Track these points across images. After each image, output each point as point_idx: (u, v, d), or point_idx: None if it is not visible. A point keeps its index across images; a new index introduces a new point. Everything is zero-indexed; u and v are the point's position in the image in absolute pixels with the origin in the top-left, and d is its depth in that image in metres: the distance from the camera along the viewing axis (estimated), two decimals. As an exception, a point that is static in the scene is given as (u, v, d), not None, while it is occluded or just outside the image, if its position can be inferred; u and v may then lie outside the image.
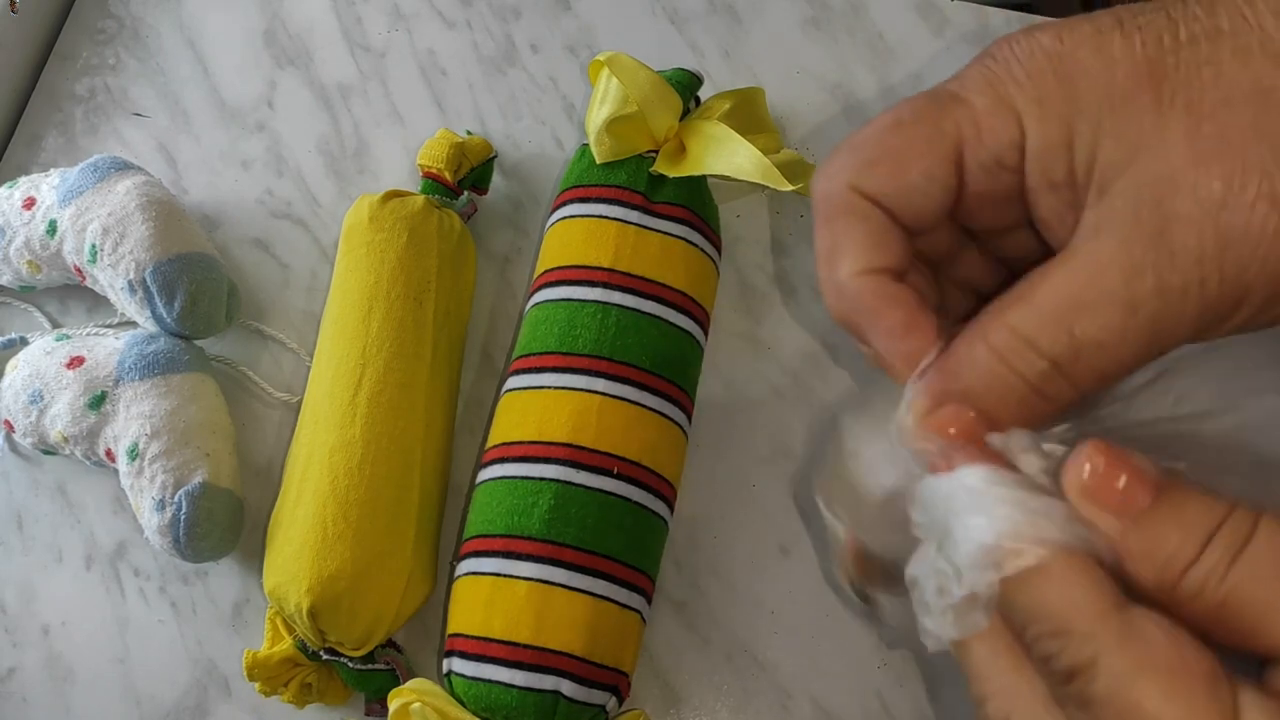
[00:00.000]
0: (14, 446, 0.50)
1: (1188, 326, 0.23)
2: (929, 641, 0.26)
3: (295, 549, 0.41)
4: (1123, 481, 0.23)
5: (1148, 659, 0.22)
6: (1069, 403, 0.25)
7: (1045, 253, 0.26)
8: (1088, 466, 0.23)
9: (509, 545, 0.40)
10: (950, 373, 0.25)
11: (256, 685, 0.42)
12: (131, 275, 0.46)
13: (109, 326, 0.50)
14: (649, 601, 0.42)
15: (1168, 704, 0.22)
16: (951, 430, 0.25)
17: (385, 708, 0.40)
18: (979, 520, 0.24)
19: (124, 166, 0.49)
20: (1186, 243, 0.22)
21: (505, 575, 0.39)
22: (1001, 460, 0.25)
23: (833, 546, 0.34)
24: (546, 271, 0.44)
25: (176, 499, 0.43)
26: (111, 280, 0.47)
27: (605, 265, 0.43)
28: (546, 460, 0.40)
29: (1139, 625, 0.23)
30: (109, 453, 0.45)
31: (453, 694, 0.40)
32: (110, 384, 0.45)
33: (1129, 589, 0.23)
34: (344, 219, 0.47)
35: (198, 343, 0.48)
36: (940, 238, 0.30)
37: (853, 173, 0.27)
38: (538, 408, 0.42)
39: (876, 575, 0.32)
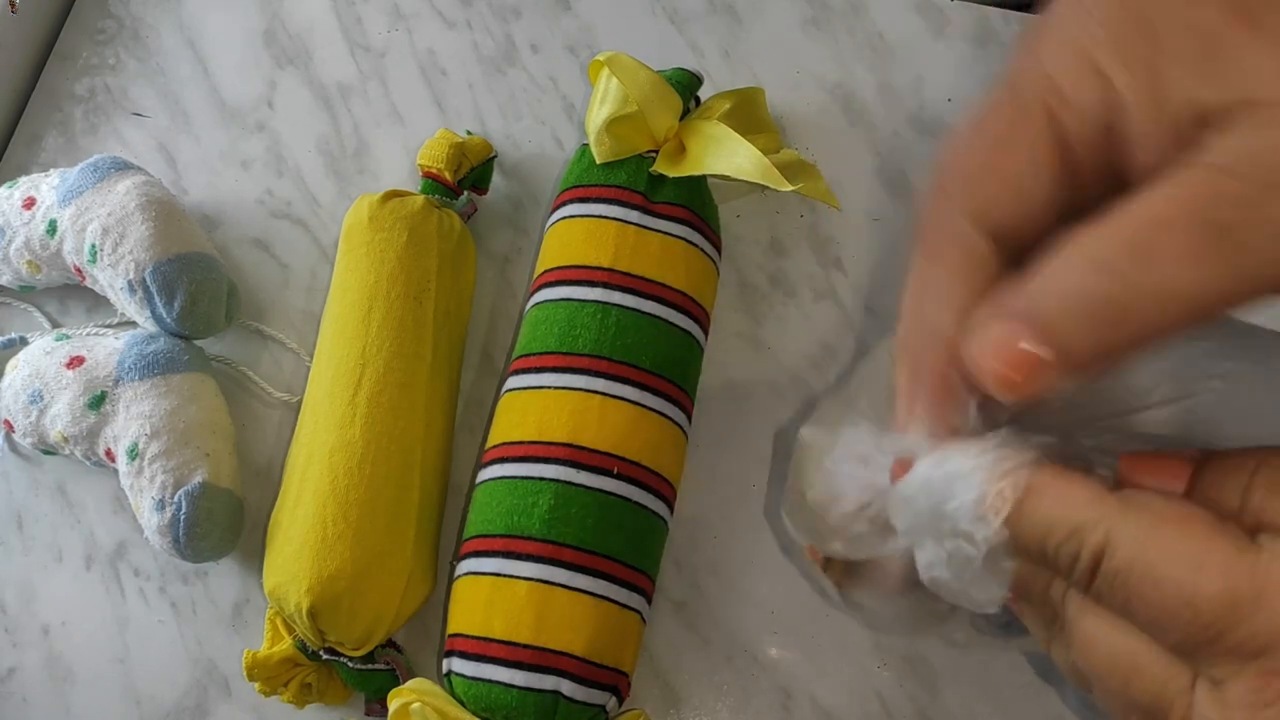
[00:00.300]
0: (14, 446, 0.50)
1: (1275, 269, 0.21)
2: (990, 608, 0.27)
3: (295, 549, 0.41)
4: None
5: (1154, 517, 0.23)
6: (1143, 337, 0.23)
7: None
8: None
9: (509, 545, 0.40)
10: (1023, 295, 0.23)
11: (256, 685, 0.42)
12: (131, 275, 0.46)
13: (109, 326, 0.50)
14: (649, 601, 0.42)
15: (1186, 543, 0.23)
16: (1019, 370, 0.23)
17: (385, 708, 0.40)
18: (959, 485, 0.25)
19: (124, 166, 0.49)
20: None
21: (505, 575, 0.39)
22: (945, 437, 0.26)
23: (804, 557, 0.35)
24: (546, 271, 0.44)
25: (176, 499, 0.43)
26: (111, 280, 0.47)
27: (605, 265, 0.43)
28: (546, 460, 0.40)
29: (1135, 497, 0.24)
30: (109, 453, 0.45)
31: (453, 694, 0.40)
32: (110, 384, 0.45)
33: None
34: (344, 219, 0.47)
35: (198, 343, 0.48)
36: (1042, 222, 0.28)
37: (955, 197, 0.25)
38: (538, 408, 0.42)
39: (850, 577, 0.33)
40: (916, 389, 0.26)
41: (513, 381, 0.43)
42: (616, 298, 0.42)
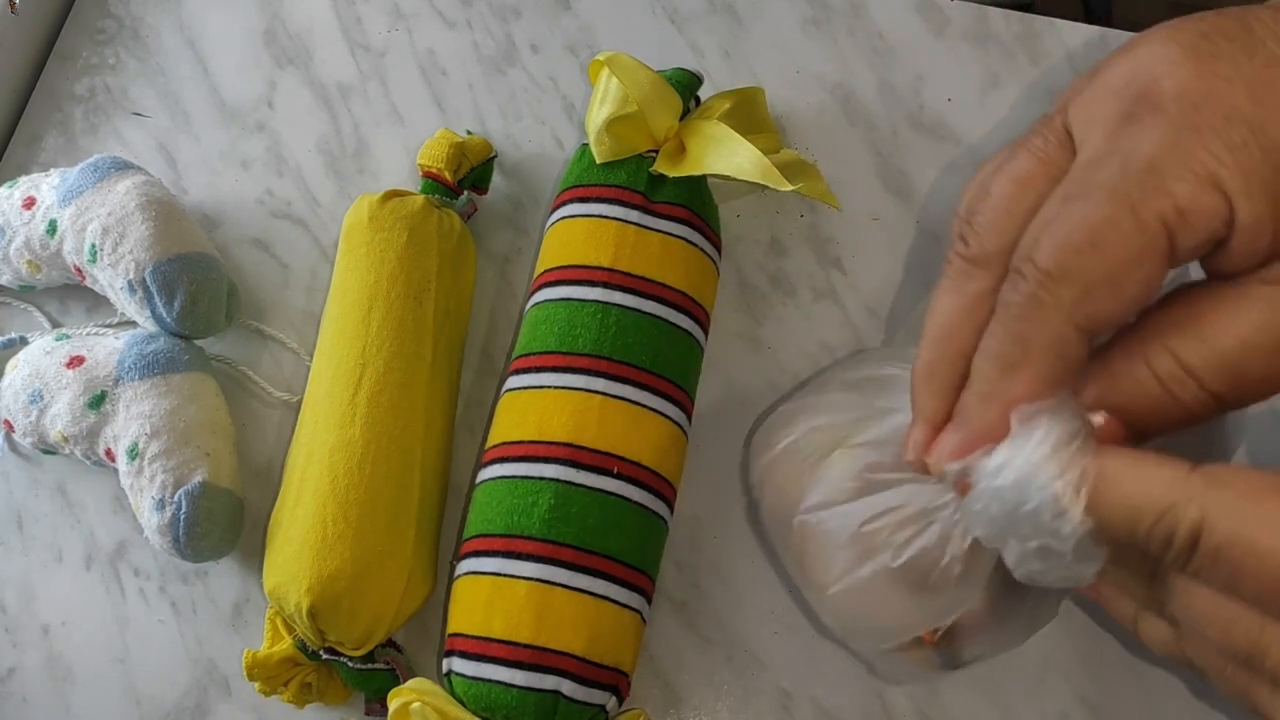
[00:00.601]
0: (14, 446, 0.50)
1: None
2: (1086, 582, 0.28)
3: (295, 549, 0.41)
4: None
5: (1246, 488, 0.23)
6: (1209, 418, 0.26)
7: None
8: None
9: (509, 545, 0.40)
10: (1108, 384, 0.26)
11: (256, 685, 0.42)
12: (131, 275, 0.46)
13: (109, 326, 0.50)
14: (649, 601, 0.42)
15: None
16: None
17: (385, 707, 0.40)
18: (1030, 489, 0.26)
19: (124, 166, 0.49)
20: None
21: (505, 575, 0.39)
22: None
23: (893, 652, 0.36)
24: (546, 271, 0.44)
25: (176, 498, 0.43)
26: (111, 280, 0.47)
27: (605, 265, 0.43)
28: (546, 460, 0.40)
29: (1219, 473, 0.24)
30: (109, 452, 0.45)
31: (453, 694, 0.40)
32: (110, 384, 0.45)
33: None
34: (344, 219, 0.47)
35: (198, 342, 0.48)
36: None
37: (1071, 307, 0.26)
38: (538, 407, 0.42)
39: (945, 640, 0.34)
40: (968, 437, 0.28)
41: (513, 381, 0.43)
42: (616, 297, 0.42)
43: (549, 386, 0.42)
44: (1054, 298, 0.26)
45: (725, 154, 0.43)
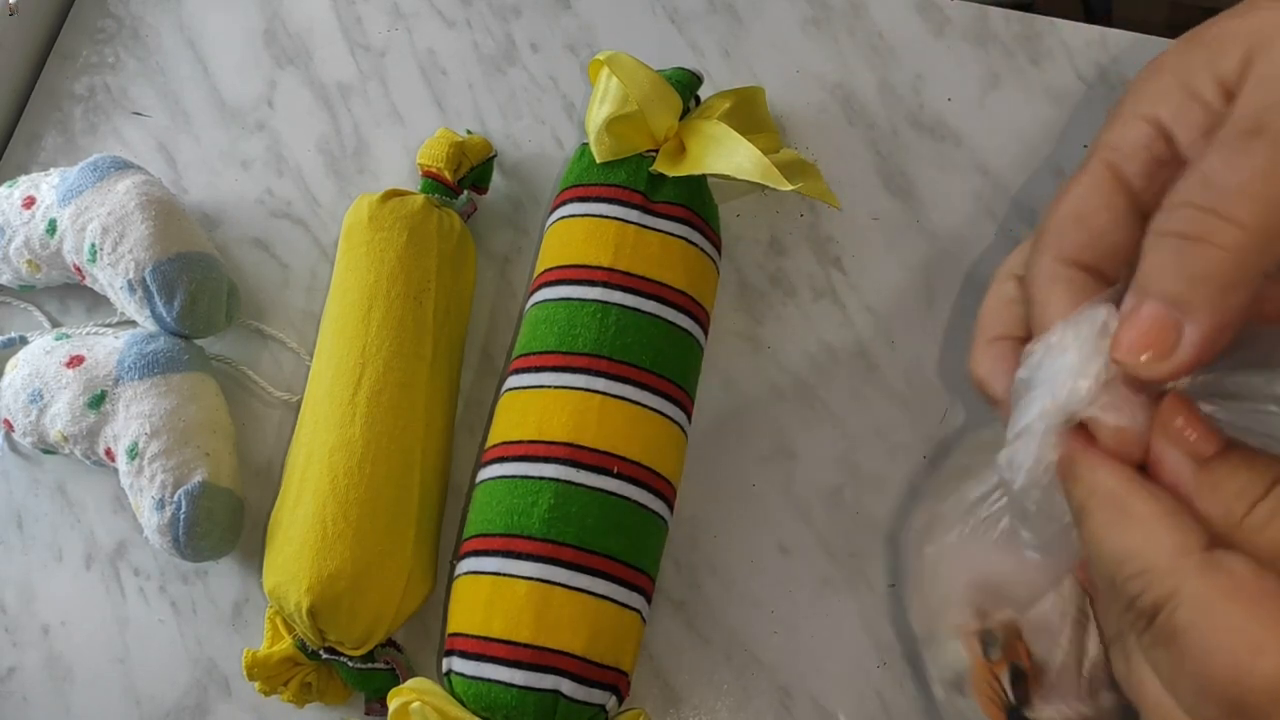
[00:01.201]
0: (14, 446, 0.50)
1: None
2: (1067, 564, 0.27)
3: (295, 548, 0.41)
4: (1192, 435, 0.24)
5: (1230, 585, 0.22)
6: (1244, 249, 0.23)
7: None
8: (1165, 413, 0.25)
9: (509, 545, 0.40)
10: (1140, 285, 0.24)
11: (256, 685, 0.42)
12: (131, 274, 0.46)
13: (109, 326, 0.50)
14: (649, 601, 0.42)
15: (1253, 621, 0.22)
16: (1147, 355, 0.24)
17: (385, 707, 0.40)
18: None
19: (124, 166, 0.49)
20: None
21: (505, 575, 0.39)
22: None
23: (966, 692, 0.35)
24: (546, 271, 0.44)
25: (176, 498, 0.43)
26: (111, 279, 0.47)
27: (605, 265, 0.43)
28: (546, 460, 0.40)
29: (1221, 559, 0.23)
30: (109, 452, 0.45)
31: (452, 693, 0.40)
32: (110, 383, 0.45)
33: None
34: (344, 218, 0.47)
35: (197, 342, 0.48)
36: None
37: (1051, 248, 0.27)
38: (537, 407, 0.42)
39: (1032, 695, 0.33)
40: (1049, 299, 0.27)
41: (512, 381, 0.43)
42: (616, 297, 0.42)
43: (549, 386, 0.42)
44: (1039, 244, 0.28)
45: (725, 154, 0.43)
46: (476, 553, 0.41)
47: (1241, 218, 0.22)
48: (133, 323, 0.49)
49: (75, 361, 0.46)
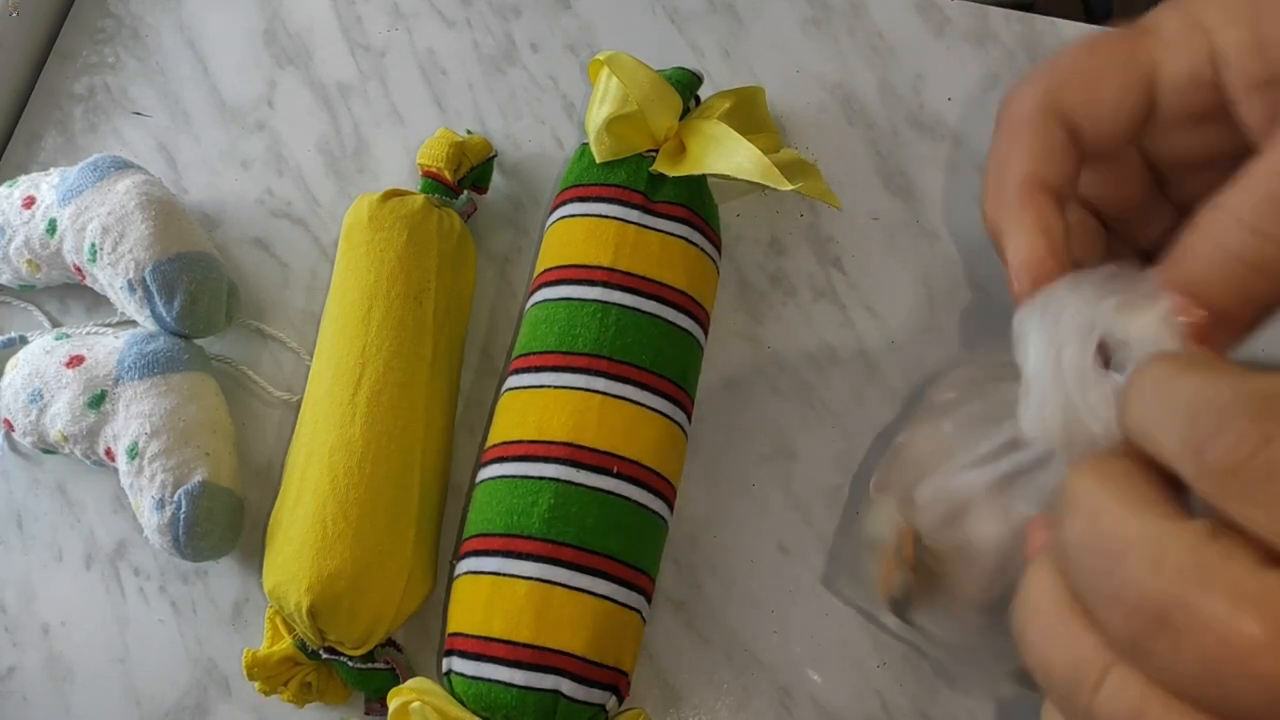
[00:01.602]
0: (14, 446, 0.50)
1: None
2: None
3: (295, 548, 0.41)
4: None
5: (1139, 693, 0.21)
6: None
7: None
8: None
9: (509, 544, 0.40)
10: (1172, 264, 0.25)
11: (256, 684, 0.42)
12: (131, 274, 0.46)
13: (109, 325, 0.50)
14: (649, 601, 0.42)
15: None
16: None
17: (385, 707, 0.40)
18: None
19: (124, 165, 0.49)
20: None
21: (505, 574, 0.39)
22: None
23: (874, 557, 0.34)
24: (546, 271, 0.44)
25: (176, 498, 0.43)
26: (111, 279, 0.47)
27: (605, 264, 0.43)
28: (546, 459, 0.40)
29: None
30: (109, 452, 0.45)
31: (452, 693, 0.40)
32: (110, 383, 0.45)
33: None
34: (344, 218, 0.47)
35: (197, 342, 0.48)
36: (1129, 181, 0.30)
37: (1044, 89, 0.27)
38: (537, 407, 0.42)
39: (917, 594, 0.33)
40: (1012, 228, 0.27)
41: (512, 381, 0.43)
42: (616, 297, 0.42)
43: (549, 386, 0.42)
44: (1035, 84, 0.28)
45: (725, 153, 0.43)
46: (476, 553, 0.41)
47: None
48: (133, 323, 0.49)
49: (75, 361, 0.46)
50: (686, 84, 0.45)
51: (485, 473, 0.42)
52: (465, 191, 0.49)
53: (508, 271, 0.50)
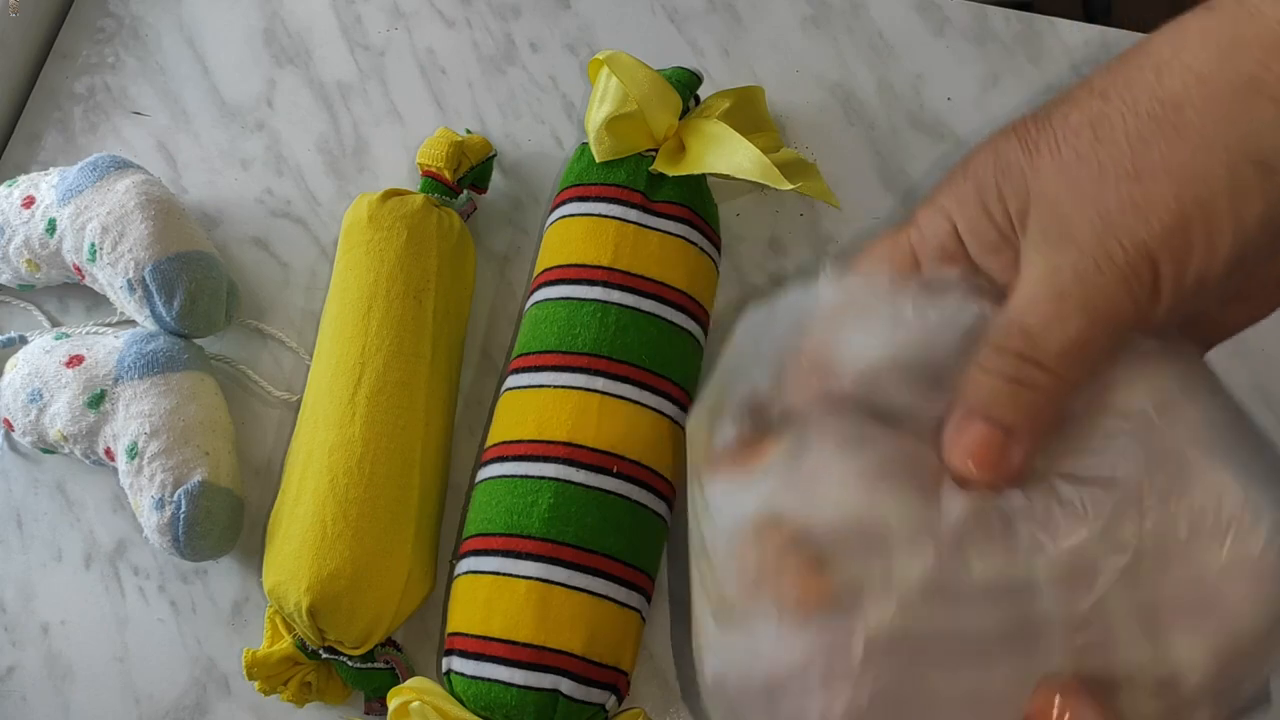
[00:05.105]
0: (13, 445, 0.50)
1: (1122, 301, 0.26)
2: None
3: (295, 548, 0.41)
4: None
5: None
6: (1059, 392, 0.27)
7: None
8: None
9: (509, 544, 0.40)
10: (961, 399, 0.29)
11: (256, 684, 0.42)
12: (131, 274, 0.46)
13: (108, 325, 0.50)
14: (648, 600, 0.42)
15: None
16: (981, 456, 0.28)
17: (385, 706, 0.40)
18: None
19: (123, 165, 0.49)
20: (1081, 231, 0.26)
21: (505, 574, 0.39)
22: None
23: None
24: (546, 270, 0.44)
25: (176, 498, 0.43)
26: (111, 279, 0.47)
27: (605, 264, 0.43)
28: (546, 459, 0.40)
29: None
30: (108, 451, 0.45)
31: (452, 693, 0.40)
32: (109, 383, 0.45)
33: None
34: (343, 218, 0.47)
35: (197, 341, 0.48)
36: None
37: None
38: (537, 406, 0.42)
39: None
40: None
41: (512, 380, 0.43)
42: (616, 296, 0.42)
43: (549, 385, 0.42)
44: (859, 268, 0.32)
45: (725, 153, 0.43)
46: (476, 552, 0.41)
47: (1060, 371, 0.27)
48: (132, 322, 0.49)
49: (75, 361, 0.46)
50: (686, 83, 0.45)
51: (485, 472, 0.42)
52: (465, 191, 0.49)
53: (507, 271, 0.50)
